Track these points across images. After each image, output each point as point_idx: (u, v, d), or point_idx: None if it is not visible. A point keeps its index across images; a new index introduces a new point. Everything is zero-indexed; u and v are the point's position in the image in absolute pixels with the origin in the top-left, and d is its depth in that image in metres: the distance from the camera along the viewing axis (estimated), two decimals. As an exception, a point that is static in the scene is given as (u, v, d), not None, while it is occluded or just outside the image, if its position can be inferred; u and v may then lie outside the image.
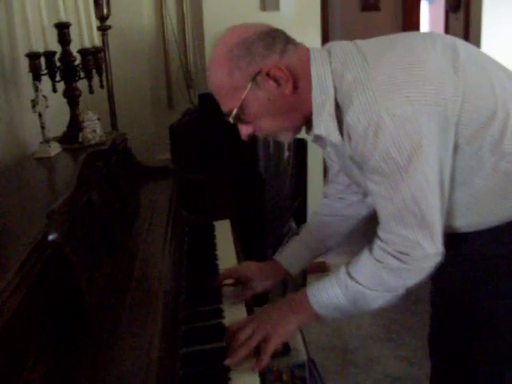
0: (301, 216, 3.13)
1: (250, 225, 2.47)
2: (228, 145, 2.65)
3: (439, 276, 1.54)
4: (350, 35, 1.33)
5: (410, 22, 5.45)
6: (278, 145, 3.01)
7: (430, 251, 1.19)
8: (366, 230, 1.48)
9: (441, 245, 1.20)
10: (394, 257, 1.19)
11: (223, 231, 2.04)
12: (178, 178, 2.12)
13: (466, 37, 3.81)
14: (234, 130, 1.34)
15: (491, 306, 1.39)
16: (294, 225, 2.99)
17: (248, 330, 1.24)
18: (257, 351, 1.23)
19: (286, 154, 3.12)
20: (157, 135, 3.34)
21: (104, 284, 1.14)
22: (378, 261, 1.21)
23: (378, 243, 1.23)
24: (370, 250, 1.24)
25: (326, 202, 1.61)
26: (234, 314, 1.42)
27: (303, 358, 1.72)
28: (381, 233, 1.23)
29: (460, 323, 1.50)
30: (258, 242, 2.63)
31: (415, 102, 1.12)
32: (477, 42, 3.67)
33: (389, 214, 1.20)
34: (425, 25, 5.86)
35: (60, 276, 1.00)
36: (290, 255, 1.57)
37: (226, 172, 2.45)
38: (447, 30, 4.49)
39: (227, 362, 1.19)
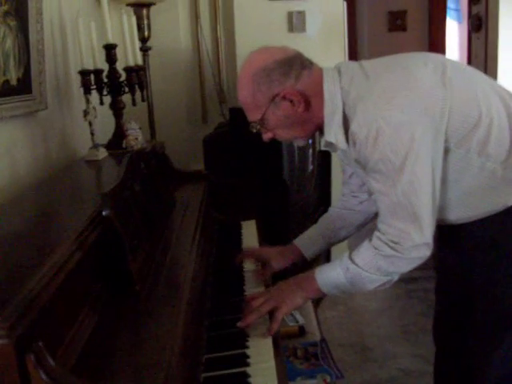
0: (324, 222, 3.33)
1: (274, 226, 2.68)
2: (255, 155, 2.90)
3: (441, 265, 1.76)
4: (378, 54, 1.56)
5: (435, 41, 5.65)
6: (303, 158, 3.24)
7: (418, 242, 1.38)
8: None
9: (430, 237, 1.39)
10: (388, 245, 1.39)
11: (249, 230, 2.27)
12: (210, 182, 2.36)
13: (486, 54, 4.00)
14: (261, 141, 1.58)
15: (483, 287, 1.57)
16: (316, 230, 3.18)
17: (260, 299, 1.47)
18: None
19: (310, 167, 3.35)
20: (191, 148, 3.57)
21: (144, 257, 1.38)
22: (375, 248, 1.42)
23: (376, 233, 1.44)
24: (370, 239, 1.45)
25: (343, 198, 1.84)
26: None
27: (317, 339, 1.93)
28: (379, 224, 1.44)
29: (457, 306, 1.70)
30: (281, 243, 2.84)
31: (407, 112, 1.34)
32: (494, 59, 3.86)
33: (385, 207, 1.41)
34: (451, 44, 6.04)
35: (110, 245, 1.24)
36: (307, 240, 1.80)
37: (253, 178, 2.68)
38: (470, 49, 4.69)
39: (239, 323, 1.42)
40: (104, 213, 1.23)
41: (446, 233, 1.63)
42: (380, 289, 1.48)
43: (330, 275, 1.48)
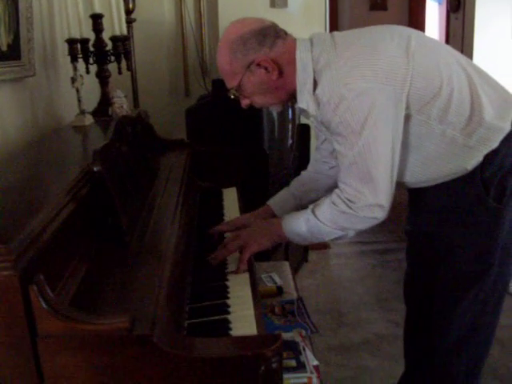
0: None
1: (255, 194, 2.77)
2: (237, 125, 2.98)
3: (410, 227, 1.87)
4: (358, 33, 1.68)
5: (415, 20, 5.76)
6: (283, 131, 3.33)
7: (372, 202, 1.48)
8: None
9: (385, 200, 1.49)
10: (344, 203, 1.51)
11: (230, 197, 2.35)
12: (192, 150, 2.44)
13: (463, 33, 4.12)
14: (242, 113, 1.67)
15: (445, 249, 1.69)
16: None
17: (230, 239, 1.64)
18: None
19: (290, 141, 3.44)
20: (173, 120, 3.63)
21: (132, 212, 1.47)
22: (333, 203, 1.53)
23: (335, 190, 1.56)
24: (331, 196, 1.56)
25: (314, 163, 1.95)
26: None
27: (294, 298, 2.03)
28: (338, 182, 1.56)
29: (424, 267, 1.82)
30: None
31: (369, 80, 1.44)
32: (470, 38, 3.98)
33: (344, 167, 1.52)
34: (431, 23, 6.14)
35: (101, 199, 1.33)
36: (279, 201, 1.90)
37: (234, 148, 2.76)
38: (448, 28, 4.79)
39: (209, 258, 1.59)
40: (95, 168, 1.31)
41: (414, 197, 1.74)
42: (336, 242, 1.60)
43: (293, 223, 1.61)
